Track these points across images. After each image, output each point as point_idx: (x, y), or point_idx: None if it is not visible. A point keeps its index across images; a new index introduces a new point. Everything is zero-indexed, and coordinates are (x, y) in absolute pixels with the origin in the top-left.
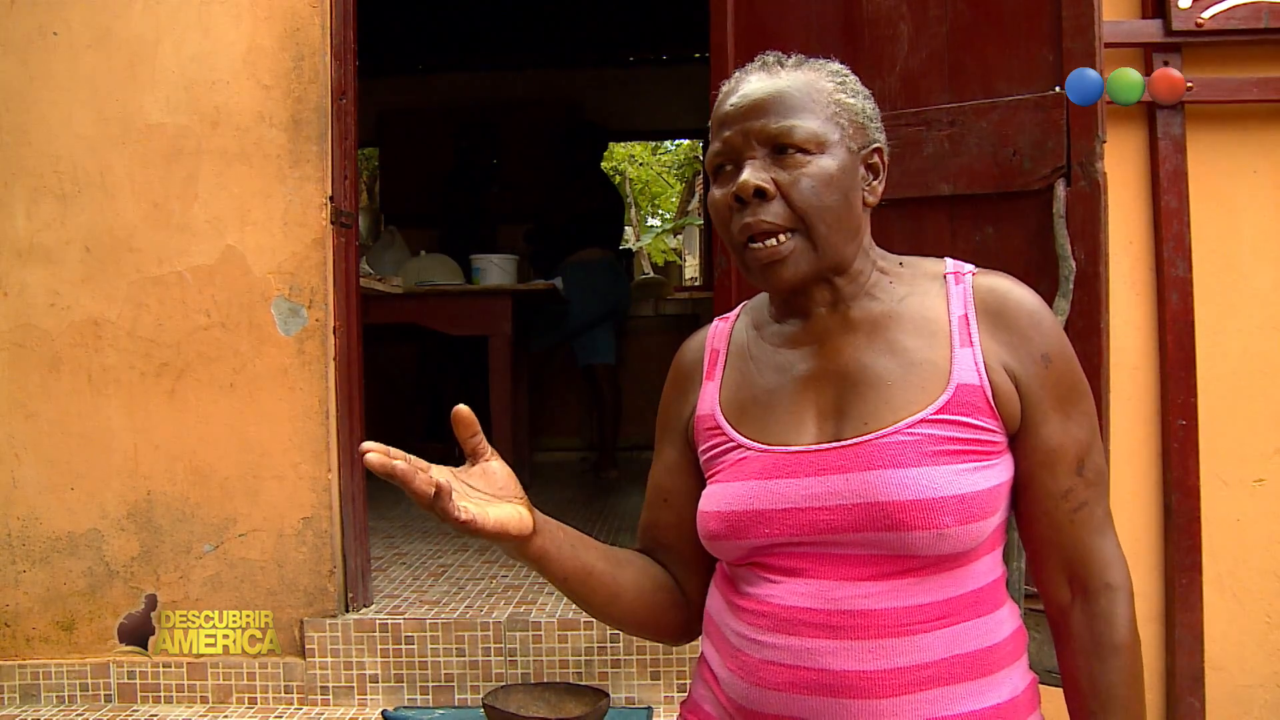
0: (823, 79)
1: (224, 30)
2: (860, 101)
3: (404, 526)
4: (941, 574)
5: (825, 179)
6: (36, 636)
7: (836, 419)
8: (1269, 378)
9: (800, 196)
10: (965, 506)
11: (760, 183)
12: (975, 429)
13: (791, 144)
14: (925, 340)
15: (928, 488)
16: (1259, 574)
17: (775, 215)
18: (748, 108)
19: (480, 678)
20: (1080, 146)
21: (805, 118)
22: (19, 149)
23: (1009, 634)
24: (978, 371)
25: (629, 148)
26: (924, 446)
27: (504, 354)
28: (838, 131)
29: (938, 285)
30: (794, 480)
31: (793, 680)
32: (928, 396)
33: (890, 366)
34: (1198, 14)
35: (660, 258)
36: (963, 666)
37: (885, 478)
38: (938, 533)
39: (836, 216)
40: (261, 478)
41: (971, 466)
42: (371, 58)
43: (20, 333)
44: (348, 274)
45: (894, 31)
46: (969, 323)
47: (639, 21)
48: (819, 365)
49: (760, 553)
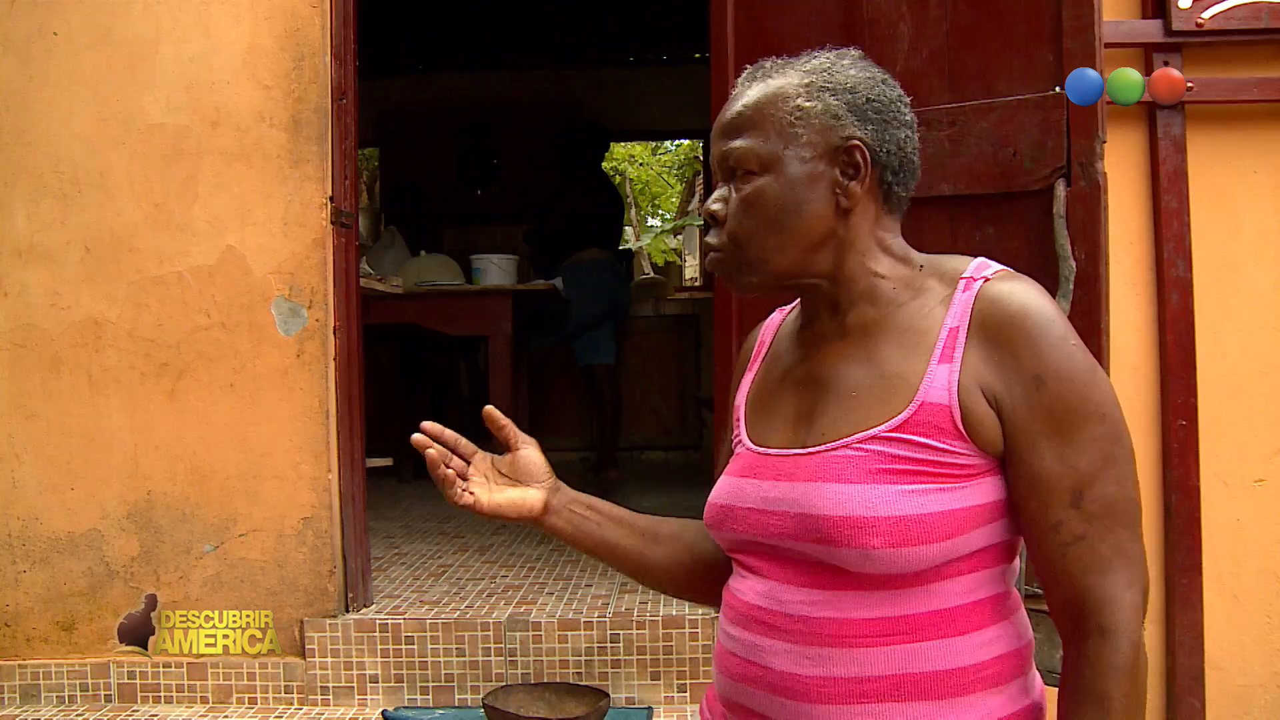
0: (790, 85)
1: (224, 30)
2: (826, 100)
3: (404, 526)
4: (889, 590)
5: (756, 202)
6: (36, 636)
7: (806, 426)
8: (1269, 378)
9: (731, 222)
10: (900, 529)
11: (713, 207)
12: (935, 450)
13: (737, 166)
14: (906, 352)
15: (860, 506)
16: (1259, 574)
17: (715, 236)
18: (717, 129)
19: (480, 678)
20: (1080, 147)
21: (748, 138)
22: (19, 149)
23: (992, 657)
24: (949, 391)
25: (629, 148)
26: (869, 463)
27: (504, 354)
28: (790, 144)
29: (946, 291)
30: (758, 481)
31: (744, 673)
32: (889, 411)
33: (861, 377)
34: (1198, 14)
35: (660, 258)
36: (916, 686)
37: (823, 491)
38: (862, 552)
39: (771, 236)
40: (262, 478)
41: (921, 488)
42: (372, 58)
43: (20, 333)
44: (348, 274)
45: (894, 32)
46: (956, 336)
47: (639, 22)
48: (806, 370)
49: (738, 547)
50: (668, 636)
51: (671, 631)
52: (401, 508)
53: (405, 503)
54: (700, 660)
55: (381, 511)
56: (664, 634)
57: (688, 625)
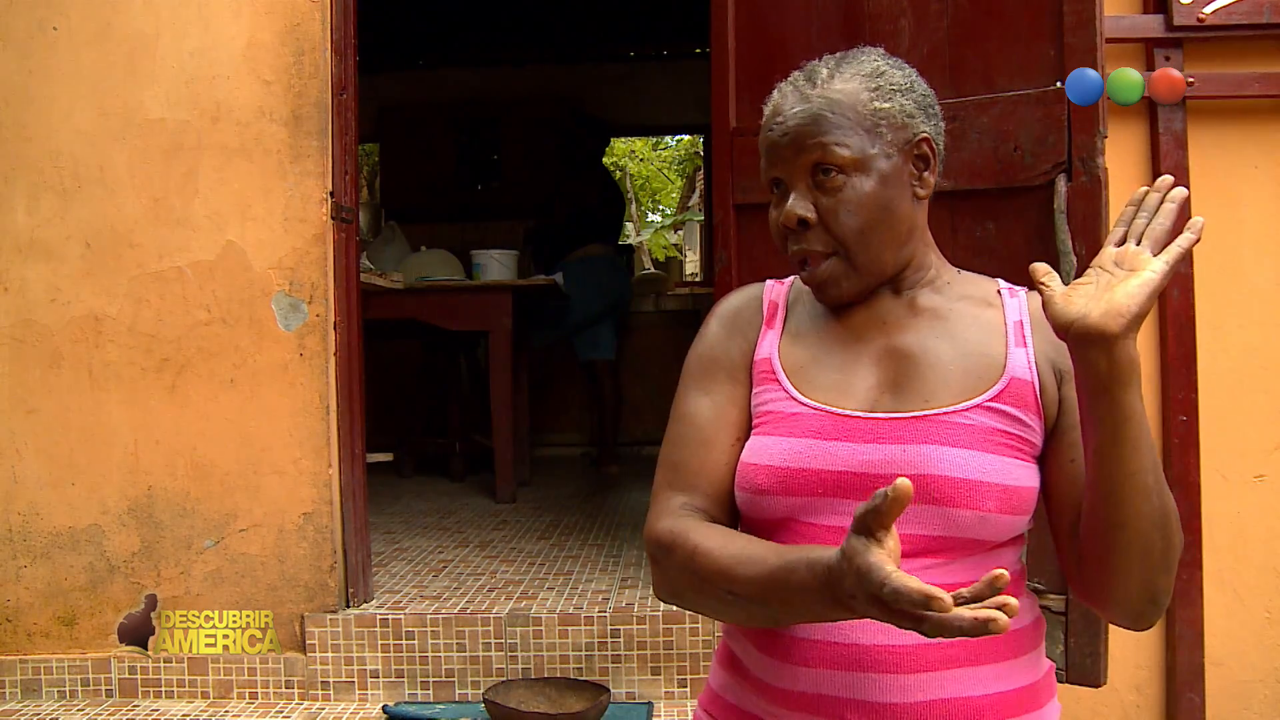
0: (859, 88)
1: (224, 25)
2: (899, 101)
3: (405, 522)
4: (975, 556)
5: (861, 201)
6: (37, 632)
7: (894, 393)
8: (1270, 374)
9: (838, 224)
10: (1008, 497)
11: (802, 213)
12: (1021, 425)
13: (828, 166)
14: (984, 335)
15: (977, 470)
16: (1259, 570)
17: (816, 242)
18: (786, 133)
19: (481, 673)
20: (1081, 142)
21: (839, 138)
22: (19, 144)
23: (1030, 621)
24: (1030, 368)
25: (630, 143)
26: (976, 432)
27: (504, 349)
28: (876, 143)
29: (993, 293)
30: (851, 444)
31: (821, 655)
32: (984, 384)
33: (951, 353)
34: (1199, 9)
35: (661, 253)
36: (990, 648)
37: (941, 454)
38: (981, 515)
39: (877, 234)
40: (262, 473)
41: (1015, 463)
42: (372, 53)
43: (21, 328)
44: (348, 269)
45: (895, 27)
46: (1023, 328)
47: (640, 17)
48: (882, 342)
49: (801, 512)
50: (668, 632)
51: (672, 627)
52: (402, 503)
53: (406, 498)
54: (701, 655)
55: (382, 506)
56: (664, 629)
57: (688, 621)
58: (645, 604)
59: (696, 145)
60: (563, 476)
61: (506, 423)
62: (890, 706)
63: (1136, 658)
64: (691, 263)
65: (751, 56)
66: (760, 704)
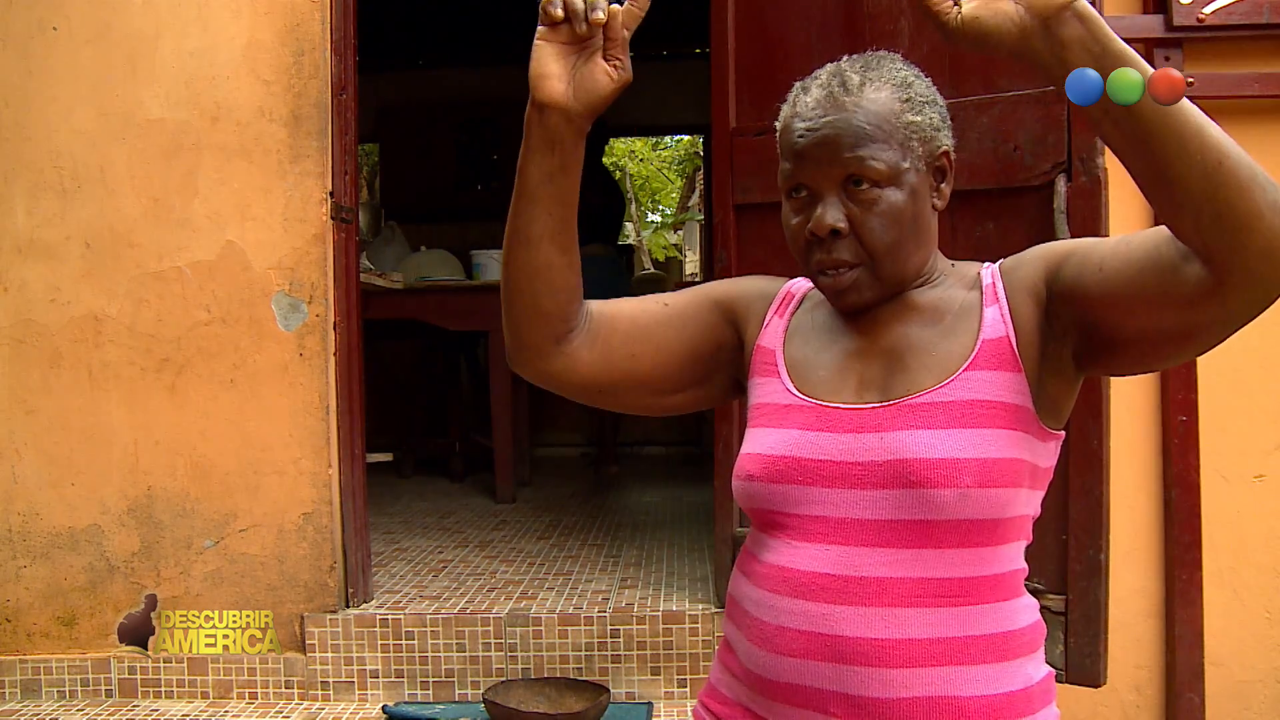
0: (891, 98)
1: (224, 25)
2: (928, 114)
3: (404, 522)
4: (965, 549)
5: (895, 214)
6: (37, 632)
7: (882, 386)
8: (1270, 374)
9: (871, 236)
10: (985, 470)
11: (835, 223)
12: (999, 388)
13: (863, 178)
14: (963, 314)
15: (952, 448)
16: (1259, 570)
17: (845, 252)
18: (819, 141)
19: (481, 673)
20: (1081, 142)
21: (876, 150)
22: (19, 144)
23: (1027, 624)
24: (1003, 321)
25: (629, 143)
26: (953, 409)
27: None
28: (908, 156)
29: (974, 275)
30: (833, 434)
31: (805, 646)
32: (959, 360)
33: (934, 339)
34: (1199, 9)
35: (661, 253)
36: (978, 648)
37: (915, 438)
38: (960, 491)
39: (904, 247)
40: (262, 473)
41: (993, 432)
42: (372, 53)
43: (20, 328)
44: (348, 269)
45: (895, 27)
46: (995, 287)
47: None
48: (877, 339)
49: (789, 505)
50: (668, 632)
51: (672, 627)
52: (402, 503)
53: (406, 498)
54: (700, 655)
55: (382, 507)
56: (664, 629)
57: (688, 620)
58: (645, 604)
59: (696, 145)
60: (563, 476)
61: (506, 423)
62: (874, 701)
63: (1136, 658)
64: (691, 263)
65: (751, 56)
66: (749, 695)
